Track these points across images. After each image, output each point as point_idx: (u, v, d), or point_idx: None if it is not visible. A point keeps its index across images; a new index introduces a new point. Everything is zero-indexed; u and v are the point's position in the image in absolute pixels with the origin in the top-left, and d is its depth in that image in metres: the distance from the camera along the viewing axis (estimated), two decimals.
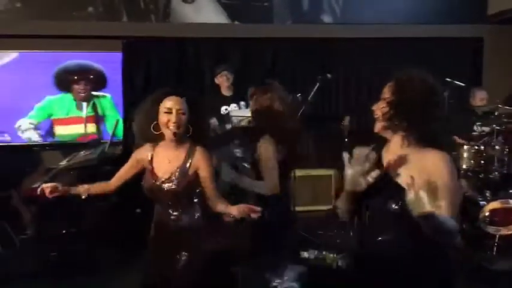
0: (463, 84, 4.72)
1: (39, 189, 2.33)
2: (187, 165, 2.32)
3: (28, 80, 5.07)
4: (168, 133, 2.27)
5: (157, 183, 2.33)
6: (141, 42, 5.44)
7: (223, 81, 4.95)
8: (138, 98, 3.33)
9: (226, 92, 4.97)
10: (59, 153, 5.16)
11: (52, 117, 5.25)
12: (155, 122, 2.30)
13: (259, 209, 2.16)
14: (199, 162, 2.32)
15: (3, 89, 5.10)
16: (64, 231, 4.71)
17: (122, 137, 5.33)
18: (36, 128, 5.17)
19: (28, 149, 5.29)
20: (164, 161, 2.35)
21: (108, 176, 2.63)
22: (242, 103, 4.92)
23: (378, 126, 1.92)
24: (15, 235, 4.67)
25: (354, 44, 5.83)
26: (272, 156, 2.77)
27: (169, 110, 2.26)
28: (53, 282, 3.83)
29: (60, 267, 4.09)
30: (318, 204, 5.31)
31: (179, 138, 2.31)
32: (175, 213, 2.35)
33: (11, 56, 5.10)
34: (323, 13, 5.83)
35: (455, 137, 4.84)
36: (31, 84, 5.09)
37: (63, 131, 5.33)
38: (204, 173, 2.33)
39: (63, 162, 4.60)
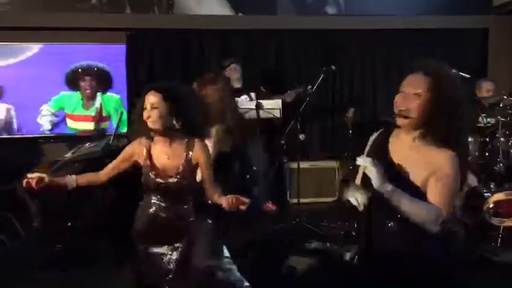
0: (468, 76, 4.69)
1: (24, 181, 2.28)
2: (189, 158, 2.33)
3: (47, 73, 5.21)
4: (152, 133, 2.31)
5: (160, 178, 2.33)
6: (145, 34, 5.43)
7: (233, 73, 4.92)
8: (142, 90, 3.33)
9: (236, 83, 4.94)
10: (64, 146, 5.17)
11: (64, 110, 5.35)
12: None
13: (247, 200, 2.15)
14: (199, 154, 2.33)
15: (25, 82, 5.19)
16: (69, 224, 4.74)
17: (126, 130, 5.33)
18: (53, 115, 5.30)
19: (33, 142, 5.31)
20: (163, 156, 2.35)
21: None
22: (252, 94, 4.91)
23: (403, 122, 1.83)
24: (20, 227, 4.71)
25: (358, 35, 5.80)
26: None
27: (146, 106, 2.27)
28: (57, 274, 3.85)
29: (65, 259, 4.12)
30: (322, 196, 5.31)
31: (166, 134, 2.31)
32: (174, 206, 2.37)
33: (33, 50, 5.17)
34: (327, 5, 5.80)
35: None
36: (49, 77, 5.23)
37: (72, 125, 5.43)
38: (203, 164, 2.35)
39: (68, 155, 4.61)
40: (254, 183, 4.75)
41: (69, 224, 4.72)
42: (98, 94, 5.43)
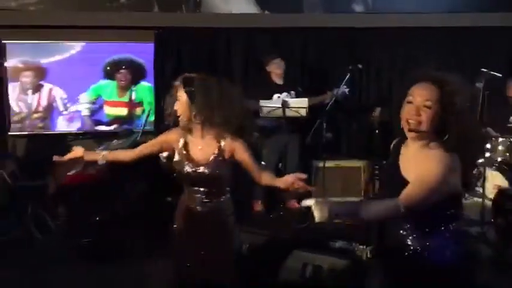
0: (500, 75, 4.59)
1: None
2: (222, 150, 2.37)
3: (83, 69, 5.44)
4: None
5: (193, 168, 2.38)
6: (173, 32, 5.48)
7: (276, 68, 4.89)
8: (169, 87, 3.37)
9: (278, 81, 4.91)
10: (92, 142, 5.27)
11: (102, 98, 5.53)
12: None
13: (304, 176, 2.11)
14: (233, 145, 2.36)
15: (70, 77, 5.40)
16: (97, 218, 4.84)
17: (153, 127, 5.41)
18: (91, 102, 5.49)
19: (62, 138, 5.42)
20: (196, 147, 2.41)
21: (140, 165, 2.70)
22: (292, 92, 4.88)
23: (414, 135, 1.79)
24: (51, 221, 4.82)
25: (386, 33, 5.73)
26: None
27: (178, 99, 2.37)
28: (86, 268, 3.93)
29: (93, 253, 4.20)
30: (347, 195, 5.27)
31: (200, 126, 2.36)
32: (207, 199, 2.41)
33: (76, 48, 5.36)
34: (354, 2, 5.75)
35: (490, 129, 4.72)
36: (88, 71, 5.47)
37: (109, 111, 5.59)
38: (241, 153, 2.37)
39: (97, 151, 4.69)
40: None
41: (97, 218, 4.81)
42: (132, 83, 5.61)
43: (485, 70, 4.37)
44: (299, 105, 4.64)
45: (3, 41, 5.25)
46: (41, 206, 4.86)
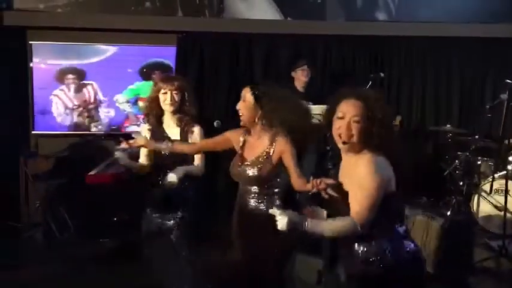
0: None
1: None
2: (271, 152, 2.47)
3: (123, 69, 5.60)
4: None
5: (242, 167, 2.50)
6: (195, 36, 5.53)
7: (302, 75, 4.88)
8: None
9: (301, 88, 4.88)
10: (112, 143, 5.33)
11: (138, 96, 5.62)
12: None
13: (331, 181, 2.14)
14: (282, 148, 2.45)
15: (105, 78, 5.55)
16: (115, 219, 4.89)
17: None
18: (128, 102, 5.61)
19: (84, 138, 5.50)
20: (250, 147, 2.55)
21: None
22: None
23: (345, 147, 1.96)
24: (70, 221, 4.88)
25: (408, 42, 5.70)
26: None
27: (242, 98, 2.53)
28: (103, 267, 3.97)
29: (111, 253, 4.25)
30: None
31: (256, 127, 2.51)
32: (255, 198, 2.51)
33: (111, 50, 5.50)
34: (377, 10, 5.73)
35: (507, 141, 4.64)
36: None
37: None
38: (287, 156, 2.45)
39: (119, 152, 4.74)
40: None
41: (115, 218, 4.87)
42: None
43: (509, 81, 4.30)
44: (320, 112, 4.62)
45: (30, 42, 5.37)
46: (62, 204, 4.94)
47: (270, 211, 1.93)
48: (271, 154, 2.47)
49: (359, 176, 1.88)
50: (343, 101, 1.98)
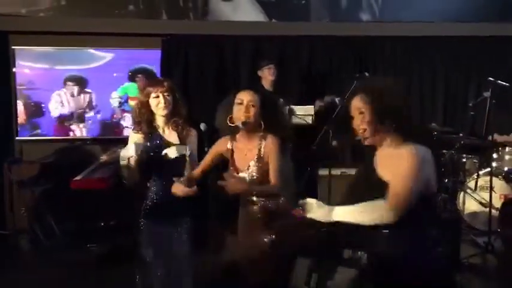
0: (507, 84, 4.57)
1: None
2: (262, 152, 2.46)
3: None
4: (240, 124, 2.45)
5: (239, 174, 2.48)
6: (180, 39, 5.51)
7: (268, 74, 4.88)
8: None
9: (268, 86, 4.92)
10: (98, 148, 5.30)
11: (128, 94, 5.64)
12: (230, 115, 2.49)
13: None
14: (270, 146, 2.45)
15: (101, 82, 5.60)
16: (102, 224, 4.85)
17: None
18: (120, 97, 5.64)
19: (69, 143, 5.45)
20: (241, 153, 2.52)
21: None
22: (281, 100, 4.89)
23: (369, 140, 1.97)
24: (56, 226, 4.84)
25: (392, 42, 5.74)
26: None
27: (241, 101, 2.45)
28: (91, 273, 3.94)
29: (98, 258, 4.21)
30: (353, 203, 5.24)
31: (251, 130, 2.47)
32: (258, 200, 2.49)
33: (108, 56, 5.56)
34: (361, 11, 5.76)
35: (496, 137, 4.69)
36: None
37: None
38: (272, 156, 2.45)
39: (104, 157, 4.71)
40: None
41: (102, 223, 4.83)
42: None
43: (492, 79, 4.35)
44: (305, 112, 4.65)
45: (12, 47, 5.32)
46: (48, 210, 4.89)
47: (299, 203, 1.97)
48: (262, 155, 2.46)
49: (400, 166, 1.85)
50: (352, 98, 2.00)
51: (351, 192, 2.09)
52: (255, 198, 2.50)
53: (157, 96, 2.73)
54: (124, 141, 5.13)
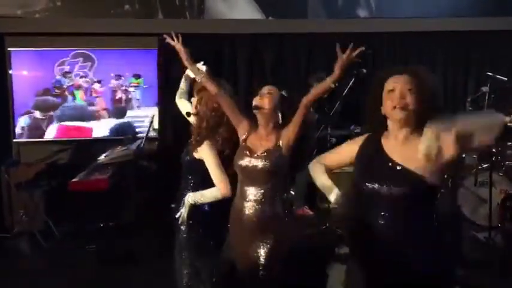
0: (505, 79, 4.56)
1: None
2: (281, 143, 2.43)
3: None
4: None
5: (251, 159, 2.44)
6: (176, 38, 5.47)
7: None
8: (173, 94, 3.37)
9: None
10: (96, 149, 5.27)
11: None
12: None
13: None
14: (290, 132, 2.42)
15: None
16: (102, 225, 4.84)
17: (158, 133, 5.41)
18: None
19: (66, 145, 5.43)
20: (257, 141, 2.49)
21: (146, 171, 2.72)
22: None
23: (402, 115, 1.90)
24: (55, 228, 4.83)
25: (389, 38, 5.72)
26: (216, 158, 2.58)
27: (263, 92, 2.52)
28: (90, 274, 3.93)
29: (98, 259, 4.20)
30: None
31: (269, 118, 2.47)
32: (257, 201, 2.42)
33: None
34: (358, 7, 5.75)
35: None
36: None
37: None
38: (292, 137, 2.43)
39: (101, 158, 4.70)
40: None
41: (101, 224, 4.82)
42: None
43: (490, 74, 4.34)
44: None
45: (8, 49, 5.30)
46: (46, 212, 4.88)
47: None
48: (281, 146, 2.41)
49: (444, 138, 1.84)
50: (390, 77, 1.97)
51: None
52: (249, 195, 2.43)
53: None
54: (119, 143, 5.16)
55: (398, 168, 1.89)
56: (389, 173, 1.89)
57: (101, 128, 5.56)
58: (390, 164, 1.91)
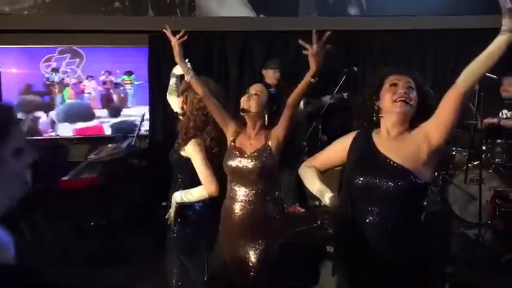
0: (495, 77, 4.58)
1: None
2: (270, 144, 2.40)
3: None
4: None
5: (241, 159, 2.41)
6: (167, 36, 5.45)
7: (273, 77, 4.89)
8: (164, 91, 3.35)
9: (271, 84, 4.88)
10: (86, 147, 5.24)
11: None
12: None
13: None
14: (278, 131, 2.39)
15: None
16: (92, 223, 4.81)
17: (148, 131, 5.38)
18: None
19: (56, 143, 5.39)
20: (245, 141, 2.46)
21: (137, 169, 2.69)
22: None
23: (405, 108, 1.92)
24: (45, 226, 4.78)
25: (380, 36, 5.73)
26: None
27: (250, 92, 2.47)
28: (82, 273, 3.90)
29: (89, 258, 4.17)
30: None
31: (256, 119, 2.45)
32: (246, 201, 2.40)
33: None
34: (349, 5, 5.76)
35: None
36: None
37: None
38: (280, 138, 2.41)
39: (91, 156, 4.67)
40: None
41: (92, 223, 4.79)
42: None
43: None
44: None
45: None
46: (36, 212, 4.83)
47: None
48: (270, 146, 2.38)
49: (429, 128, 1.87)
50: (391, 75, 1.99)
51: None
52: (239, 195, 2.41)
53: None
54: (107, 140, 5.13)
55: (389, 163, 1.89)
56: (381, 168, 1.89)
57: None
58: (381, 159, 1.91)
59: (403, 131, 1.95)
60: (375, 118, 2.01)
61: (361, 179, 1.90)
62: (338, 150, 2.14)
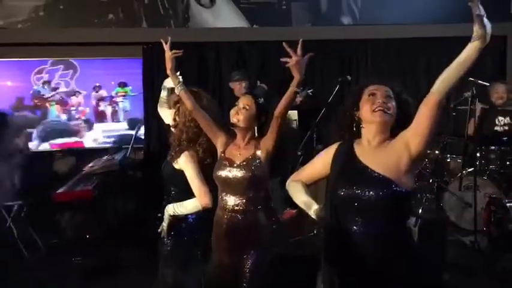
0: (487, 84, 4.62)
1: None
2: (259, 153, 2.40)
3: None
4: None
5: (231, 169, 2.41)
6: (161, 47, 5.46)
7: (240, 89, 4.91)
8: (158, 103, 3.36)
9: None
10: (81, 159, 5.23)
11: None
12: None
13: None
14: (267, 145, 2.40)
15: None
16: (87, 236, 4.78)
17: (143, 142, 5.38)
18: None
19: (51, 155, 5.38)
20: (235, 151, 2.46)
21: (132, 180, 2.68)
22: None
23: (384, 117, 1.93)
24: (40, 240, 4.75)
25: (373, 45, 5.78)
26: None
27: (239, 106, 2.47)
28: (76, 285, 3.88)
29: (85, 271, 4.14)
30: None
31: (246, 131, 2.44)
32: (237, 210, 2.40)
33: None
34: (342, 15, 5.80)
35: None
36: None
37: None
38: (268, 148, 2.41)
39: (86, 168, 4.66)
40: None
41: (87, 236, 4.76)
42: None
43: (472, 79, 4.40)
44: (289, 117, 4.63)
45: None
46: (31, 224, 4.80)
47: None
48: (260, 156, 2.39)
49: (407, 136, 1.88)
50: (370, 85, 2.01)
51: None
52: (229, 204, 2.41)
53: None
54: (101, 153, 5.12)
55: (371, 173, 1.90)
56: (362, 179, 1.90)
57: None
58: (363, 169, 1.93)
59: (383, 140, 1.97)
60: (355, 129, 2.02)
61: (344, 190, 1.92)
62: (321, 162, 2.14)
